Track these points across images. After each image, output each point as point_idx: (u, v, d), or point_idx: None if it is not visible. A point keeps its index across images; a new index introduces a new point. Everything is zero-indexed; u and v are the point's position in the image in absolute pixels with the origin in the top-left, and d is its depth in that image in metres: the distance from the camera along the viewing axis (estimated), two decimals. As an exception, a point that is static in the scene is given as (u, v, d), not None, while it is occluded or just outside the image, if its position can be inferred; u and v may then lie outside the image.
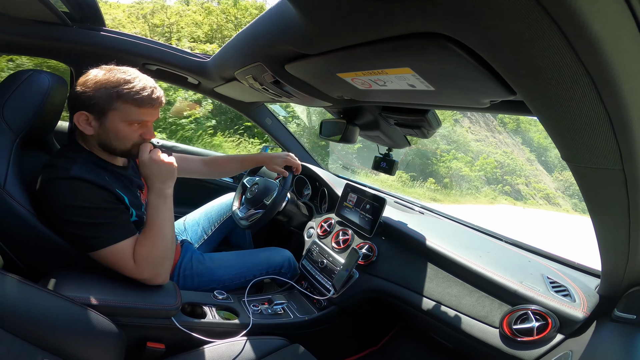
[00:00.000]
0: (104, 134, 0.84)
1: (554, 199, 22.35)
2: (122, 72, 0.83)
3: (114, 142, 0.86)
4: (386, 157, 1.26)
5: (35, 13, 1.07)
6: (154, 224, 0.86)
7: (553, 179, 25.28)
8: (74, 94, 0.83)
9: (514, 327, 0.80)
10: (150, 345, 0.84)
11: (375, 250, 1.19)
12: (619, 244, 0.60)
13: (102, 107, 0.81)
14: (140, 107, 0.83)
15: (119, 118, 0.83)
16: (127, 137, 0.86)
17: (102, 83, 0.80)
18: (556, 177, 25.64)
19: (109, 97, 0.80)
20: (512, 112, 0.72)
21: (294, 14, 0.56)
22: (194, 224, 1.49)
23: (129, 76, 0.82)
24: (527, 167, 22.55)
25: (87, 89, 0.81)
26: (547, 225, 12.16)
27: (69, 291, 0.75)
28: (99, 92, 0.80)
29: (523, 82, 0.41)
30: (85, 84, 0.81)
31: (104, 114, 0.82)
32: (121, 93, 0.80)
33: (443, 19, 0.37)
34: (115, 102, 0.81)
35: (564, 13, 0.28)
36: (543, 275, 0.92)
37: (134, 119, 0.84)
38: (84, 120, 0.83)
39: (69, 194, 0.79)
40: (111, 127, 0.83)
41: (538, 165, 24.69)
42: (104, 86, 0.80)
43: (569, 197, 24.47)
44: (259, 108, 1.78)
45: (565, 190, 25.83)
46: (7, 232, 0.82)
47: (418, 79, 0.57)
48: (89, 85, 0.81)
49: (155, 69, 1.41)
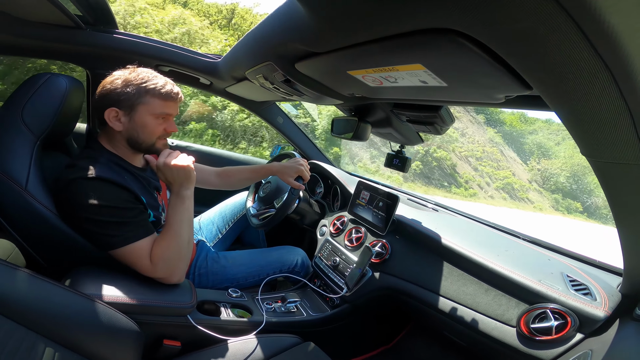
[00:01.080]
0: (132, 129, 0.90)
1: (523, 192, 18.83)
2: (144, 71, 0.90)
3: (142, 136, 0.91)
4: (399, 154, 1.25)
5: (50, 17, 1.10)
6: (172, 225, 0.89)
7: (528, 169, 22.20)
8: (105, 91, 0.88)
9: (532, 326, 0.79)
10: (167, 342, 0.86)
11: (389, 248, 1.18)
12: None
13: (132, 102, 0.87)
14: (166, 100, 0.90)
15: (146, 111, 0.89)
16: (154, 131, 0.91)
17: (129, 80, 0.87)
18: (533, 166, 22.58)
19: (138, 92, 0.87)
20: (529, 107, 0.70)
21: (303, 12, 0.56)
22: (209, 222, 1.51)
23: (151, 74, 0.90)
24: (487, 150, 19.33)
25: (116, 86, 0.87)
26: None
27: (90, 289, 0.77)
28: (129, 88, 0.86)
29: (539, 76, 0.39)
30: (113, 83, 0.88)
31: (133, 109, 0.88)
32: (148, 88, 0.87)
33: (454, 14, 0.37)
34: (144, 97, 0.87)
35: (579, 7, 0.27)
36: (563, 273, 0.89)
37: (160, 112, 0.90)
38: (114, 116, 0.88)
39: (91, 193, 0.81)
40: (139, 121, 0.89)
41: (507, 149, 21.22)
42: (132, 83, 0.87)
43: (550, 192, 21.59)
44: (270, 107, 1.79)
45: (544, 183, 22.51)
46: (30, 231, 0.85)
47: (430, 75, 0.56)
48: (117, 83, 0.87)
49: (168, 70, 1.44)
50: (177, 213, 0.89)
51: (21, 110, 0.87)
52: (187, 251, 0.90)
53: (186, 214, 0.90)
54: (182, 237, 0.88)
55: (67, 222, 0.84)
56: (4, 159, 0.82)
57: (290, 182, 1.25)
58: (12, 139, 0.84)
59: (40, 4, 0.94)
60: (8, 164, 0.82)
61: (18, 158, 0.84)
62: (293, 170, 1.25)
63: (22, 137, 0.86)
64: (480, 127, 20.27)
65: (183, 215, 0.90)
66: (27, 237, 0.86)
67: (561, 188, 22.18)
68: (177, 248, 0.88)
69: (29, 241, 0.86)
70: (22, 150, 0.85)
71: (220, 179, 1.33)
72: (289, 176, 1.25)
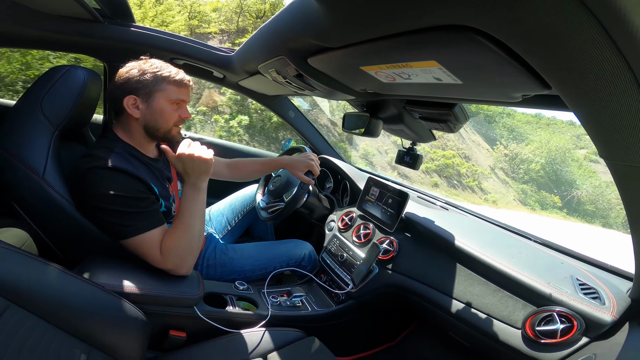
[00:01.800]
0: (150, 115, 0.93)
1: (474, 179, 14.81)
2: (157, 61, 0.94)
3: (159, 122, 0.94)
4: (410, 152, 1.23)
5: (69, 10, 1.11)
6: (184, 216, 0.89)
7: (493, 155, 19.24)
8: (122, 80, 0.91)
9: (537, 328, 0.78)
10: (173, 333, 0.88)
11: (397, 246, 1.17)
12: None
13: (150, 89, 0.91)
14: (180, 87, 0.94)
15: (163, 98, 0.92)
16: (170, 116, 0.95)
17: (145, 69, 0.91)
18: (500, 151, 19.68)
19: (155, 79, 0.91)
20: (547, 107, 0.68)
21: (316, 7, 0.55)
22: (219, 214, 1.53)
23: (164, 64, 0.94)
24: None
25: (133, 75, 0.91)
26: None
27: (100, 278, 0.79)
28: (146, 76, 0.90)
29: (558, 75, 0.38)
30: (129, 72, 0.91)
31: (150, 95, 0.91)
32: (164, 75, 0.92)
33: (472, 11, 0.36)
34: (161, 83, 0.91)
35: (603, 6, 0.26)
36: (573, 276, 0.88)
37: (176, 97, 0.94)
38: (132, 103, 0.91)
39: (106, 183, 0.83)
40: (157, 107, 0.92)
41: (470, 132, 17.86)
42: (148, 71, 0.91)
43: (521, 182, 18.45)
44: (282, 101, 1.79)
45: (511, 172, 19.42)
46: (46, 220, 0.87)
47: (445, 72, 0.55)
48: (133, 72, 0.91)
49: (183, 63, 1.45)
50: (190, 205, 0.90)
51: (40, 101, 0.89)
52: (197, 244, 0.91)
53: (200, 206, 0.91)
54: (193, 230, 0.89)
55: (81, 210, 0.86)
56: (22, 148, 0.84)
57: (300, 176, 1.25)
58: (31, 129, 0.87)
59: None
60: (26, 153, 0.84)
61: (36, 148, 0.86)
62: (303, 164, 1.25)
63: (40, 127, 0.88)
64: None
65: (196, 208, 0.90)
66: (43, 226, 0.88)
67: (535, 178, 19.64)
68: (188, 240, 0.88)
69: (45, 229, 0.89)
70: (41, 140, 0.87)
71: (231, 170, 1.35)
72: (299, 170, 1.25)
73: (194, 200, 0.90)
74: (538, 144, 20.93)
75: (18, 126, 0.86)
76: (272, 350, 0.92)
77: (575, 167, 21.43)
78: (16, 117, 0.87)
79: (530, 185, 19.16)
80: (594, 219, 19.38)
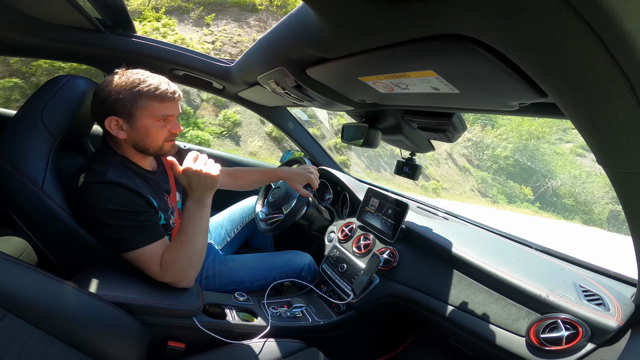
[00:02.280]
0: (136, 135, 0.87)
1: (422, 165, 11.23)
2: (134, 73, 0.86)
3: (147, 141, 0.88)
4: (409, 162, 1.24)
5: (72, 19, 1.12)
6: (186, 231, 0.86)
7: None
8: (98, 101, 0.85)
9: (542, 336, 0.77)
10: (171, 344, 0.86)
11: (397, 256, 1.16)
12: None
13: (129, 108, 0.84)
14: (163, 102, 0.86)
15: (146, 115, 0.85)
16: (157, 134, 0.88)
17: (121, 86, 0.83)
18: (463, 135, 16.55)
19: (132, 97, 0.83)
20: (544, 115, 0.69)
21: (314, 18, 0.56)
22: (218, 226, 1.52)
23: (142, 76, 0.85)
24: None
25: (108, 94, 0.84)
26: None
27: (98, 289, 0.78)
28: (122, 94, 0.83)
29: (554, 83, 0.39)
30: (104, 90, 0.84)
31: (131, 115, 0.85)
32: (142, 91, 0.83)
33: (467, 20, 0.36)
34: (140, 100, 0.84)
35: (594, 13, 0.27)
36: (575, 283, 0.88)
37: (160, 114, 0.86)
38: (115, 125, 0.86)
39: (105, 198, 0.82)
40: (141, 126, 0.86)
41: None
42: (124, 88, 0.83)
43: (481, 170, 15.57)
44: (281, 112, 1.80)
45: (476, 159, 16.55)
46: (44, 230, 0.86)
47: (442, 82, 0.56)
48: (108, 91, 0.84)
49: (182, 74, 1.46)
50: (194, 219, 0.87)
51: (41, 111, 0.89)
52: (199, 259, 0.89)
53: (203, 221, 0.88)
54: (195, 245, 0.87)
55: (81, 224, 0.86)
56: (21, 158, 0.84)
57: (298, 189, 1.25)
58: (30, 139, 0.87)
59: (62, 7, 0.96)
60: (25, 164, 0.84)
61: (36, 158, 0.86)
62: (302, 177, 1.25)
63: (40, 137, 0.88)
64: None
65: (200, 223, 0.87)
66: (40, 236, 0.88)
67: (504, 167, 17.07)
68: (190, 255, 0.86)
69: (43, 240, 0.88)
70: (40, 150, 0.87)
71: (230, 179, 1.34)
72: (297, 183, 1.25)
73: (198, 215, 0.87)
74: (506, 128, 18.31)
75: (18, 136, 0.86)
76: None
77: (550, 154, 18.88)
78: (17, 127, 0.88)
79: (495, 175, 16.57)
80: (573, 214, 17.63)
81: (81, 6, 1.01)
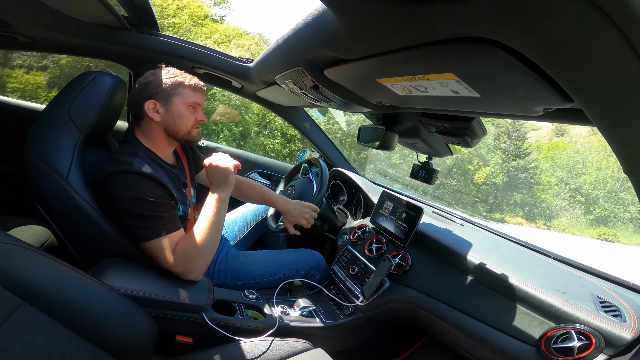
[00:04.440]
0: (169, 118, 0.97)
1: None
2: (172, 69, 1.00)
3: (178, 124, 0.98)
4: (425, 166, 1.21)
5: (101, 17, 1.16)
6: (200, 223, 0.92)
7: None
8: (142, 86, 0.97)
9: (553, 346, 0.75)
10: (180, 338, 0.88)
11: (409, 260, 1.14)
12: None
13: (168, 93, 0.96)
14: (195, 91, 0.99)
15: (181, 101, 0.97)
16: (188, 119, 0.99)
17: (163, 76, 0.97)
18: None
19: (172, 84, 0.96)
20: (570, 121, 0.66)
21: (333, 19, 0.56)
22: (231, 223, 1.54)
23: (179, 71, 1.00)
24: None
25: (151, 81, 0.96)
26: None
27: (113, 281, 0.80)
28: (164, 81, 0.96)
29: (580, 88, 0.37)
30: (148, 78, 0.97)
31: (169, 99, 0.96)
32: (180, 80, 0.97)
33: (491, 23, 0.35)
34: (178, 88, 0.97)
35: (623, 16, 0.25)
36: (593, 294, 0.85)
37: (192, 101, 0.99)
38: (152, 107, 0.96)
39: (130, 187, 0.86)
40: (175, 110, 0.97)
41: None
42: (166, 77, 0.97)
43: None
44: (298, 112, 1.81)
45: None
46: (66, 221, 0.90)
47: (462, 85, 0.54)
48: (151, 79, 0.97)
49: (203, 72, 1.49)
50: (210, 212, 0.93)
51: (69, 106, 0.92)
52: (209, 251, 0.93)
53: (216, 217, 0.93)
54: (206, 237, 0.91)
55: (104, 212, 0.89)
56: (48, 151, 0.88)
57: (288, 226, 1.27)
58: (58, 133, 0.90)
59: (92, 5, 1.00)
60: (52, 156, 0.87)
61: (62, 151, 0.89)
62: (294, 217, 1.26)
63: (67, 131, 0.91)
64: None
65: (214, 217, 0.93)
66: (62, 227, 0.91)
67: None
68: (202, 246, 0.90)
69: (64, 230, 0.91)
70: (66, 144, 0.90)
71: (235, 189, 1.34)
72: (287, 221, 1.27)
73: (212, 209, 0.94)
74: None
75: (46, 129, 0.90)
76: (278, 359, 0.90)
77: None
78: (45, 121, 0.91)
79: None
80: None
81: (109, 4, 1.04)
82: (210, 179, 0.96)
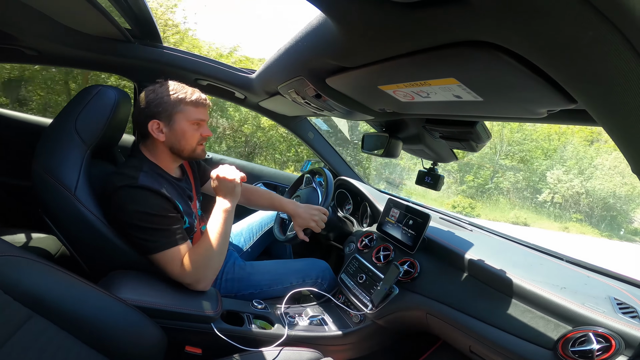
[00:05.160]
0: (174, 137, 0.96)
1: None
2: (172, 83, 0.97)
3: (182, 142, 0.97)
4: (431, 172, 1.21)
5: (103, 30, 1.17)
6: (207, 234, 0.93)
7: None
8: (144, 105, 0.95)
9: (571, 349, 0.73)
10: (189, 349, 0.88)
11: (418, 267, 1.13)
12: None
13: (170, 112, 0.94)
14: (197, 107, 0.97)
15: (184, 119, 0.96)
16: (192, 136, 0.98)
17: (163, 93, 0.95)
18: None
19: (173, 102, 0.94)
20: (575, 122, 0.66)
21: (333, 28, 0.57)
22: (237, 234, 1.54)
23: (179, 86, 0.97)
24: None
25: (152, 100, 0.94)
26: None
27: (123, 293, 0.81)
28: (164, 100, 0.94)
29: (583, 89, 0.37)
30: (148, 97, 0.95)
31: (171, 118, 0.95)
32: (181, 97, 0.95)
33: (488, 26, 0.35)
34: (179, 105, 0.95)
35: (621, 16, 0.25)
36: (610, 296, 0.84)
37: (195, 117, 0.97)
38: (156, 127, 0.95)
39: (136, 201, 0.87)
40: (179, 129, 0.96)
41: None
42: (167, 95, 0.94)
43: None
44: (301, 122, 1.82)
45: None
46: (74, 234, 0.91)
47: (464, 89, 0.54)
48: (151, 97, 0.94)
49: (206, 84, 1.51)
50: (216, 224, 0.94)
51: (75, 120, 0.94)
52: (216, 262, 0.93)
53: (223, 227, 0.94)
54: (214, 247, 0.91)
55: (112, 225, 0.90)
56: (56, 165, 0.89)
57: (297, 230, 1.25)
58: (65, 147, 0.92)
59: (94, 17, 1.01)
60: (60, 171, 0.89)
61: (69, 165, 0.90)
62: (304, 221, 1.24)
63: (74, 145, 0.93)
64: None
65: (220, 227, 0.94)
66: (71, 240, 0.92)
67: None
68: (209, 258, 0.91)
69: (73, 243, 0.92)
70: (74, 158, 0.92)
71: (243, 197, 1.35)
72: (297, 224, 1.25)
73: (218, 220, 0.94)
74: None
75: (53, 144, 0.92)
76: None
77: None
78: (52, 136, 0.93)
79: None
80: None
81: (112, 17, 1.06)
82: (217, 191, 0.97)
